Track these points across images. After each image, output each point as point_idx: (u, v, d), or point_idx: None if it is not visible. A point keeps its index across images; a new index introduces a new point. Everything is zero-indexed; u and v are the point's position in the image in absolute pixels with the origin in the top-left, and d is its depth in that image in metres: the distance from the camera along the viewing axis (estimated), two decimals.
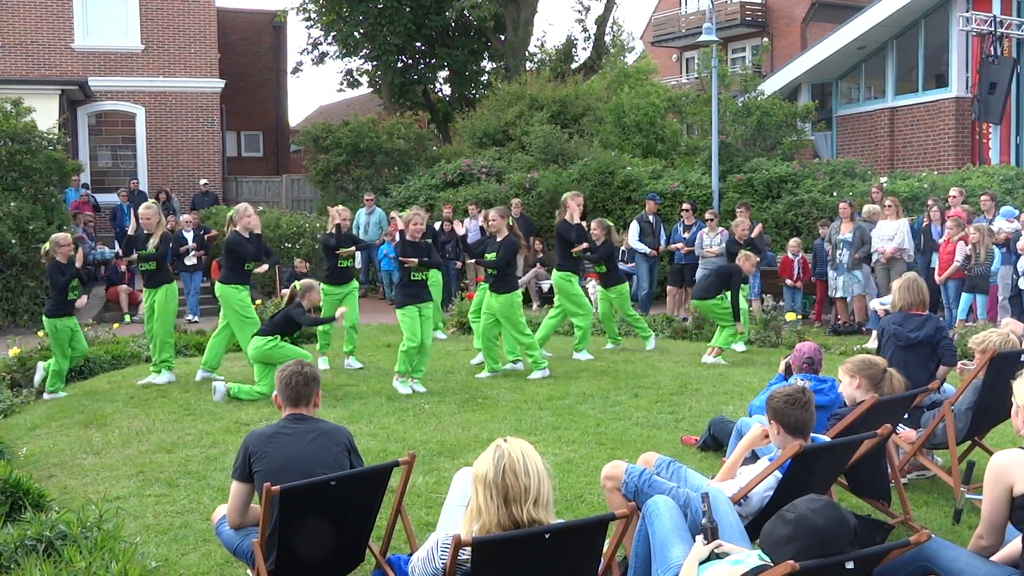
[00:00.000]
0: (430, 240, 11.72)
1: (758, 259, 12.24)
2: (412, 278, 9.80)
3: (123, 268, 17.58)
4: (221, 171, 25.47)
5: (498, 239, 10.34)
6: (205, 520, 5.57)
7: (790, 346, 11.80)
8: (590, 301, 16.85)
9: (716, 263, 14.41)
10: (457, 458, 6.94)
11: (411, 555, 4.12)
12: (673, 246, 15.79)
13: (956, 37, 21.59)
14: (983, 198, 13.83)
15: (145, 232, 10.40)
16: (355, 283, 11.48)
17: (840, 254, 13.66)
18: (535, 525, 3.31)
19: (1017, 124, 21.38)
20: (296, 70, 33.34)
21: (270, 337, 9.37)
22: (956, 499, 5.55)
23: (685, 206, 15.87)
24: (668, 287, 15.73)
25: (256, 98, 30.97)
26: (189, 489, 6.39)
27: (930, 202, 14.31)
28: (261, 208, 21.24)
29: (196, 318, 16.69)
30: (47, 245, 9.84)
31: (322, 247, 11.74)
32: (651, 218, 15.78)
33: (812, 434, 4.53)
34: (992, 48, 20.16)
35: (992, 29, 20.11)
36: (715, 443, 7.10)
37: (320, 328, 11.21)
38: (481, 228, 16.02)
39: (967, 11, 20.88)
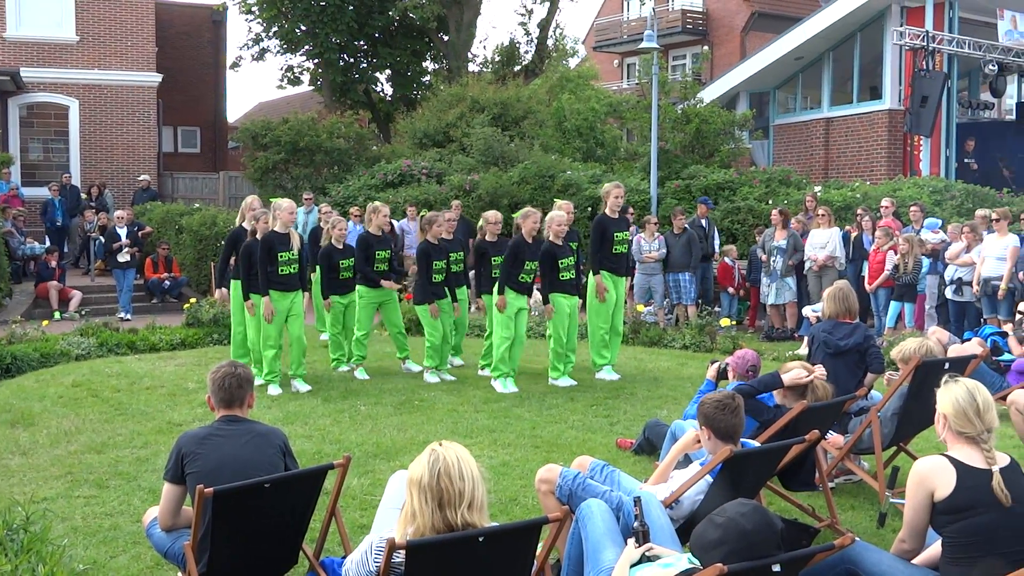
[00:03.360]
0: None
1: None
2: (434, 279, 10.12)
3: (53, 264, 17.22)
4: (157, 167, 25.09)
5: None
6: (135, 522, 5.51)
7: (724, 351, 12.02)
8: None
9: (654, 268, 14.59)
10: (393, 460, 6.94)
11: (345, 558, 4.12)
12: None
13: (890, 51, 22.03)
14: (912, 209, 14.13)
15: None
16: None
17: (774, 261, 13.87)
18: (469, 528, 3.33)
19: (947, 137, 21.87)
20: (235, 65, 32.91)
21: None
22: (881, 503, 5.68)
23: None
24: None
25: (194, 93, 30.52)
26: (119, 491, 6.31)
27: (860, 211, 14.59)
28: (197, 205, 21.03)
29: (128, 315, 16.43)
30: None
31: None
32: (703, 222, 15.45)
33: (742, 439, 4.63)
34: (924, 62, 20.60)
35: (925, 44, 20.55)
36: (650, 446, 7.17)
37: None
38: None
39: (901, 26, 21.32)
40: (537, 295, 11.67)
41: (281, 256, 9.62)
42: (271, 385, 9.69)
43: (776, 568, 3.18)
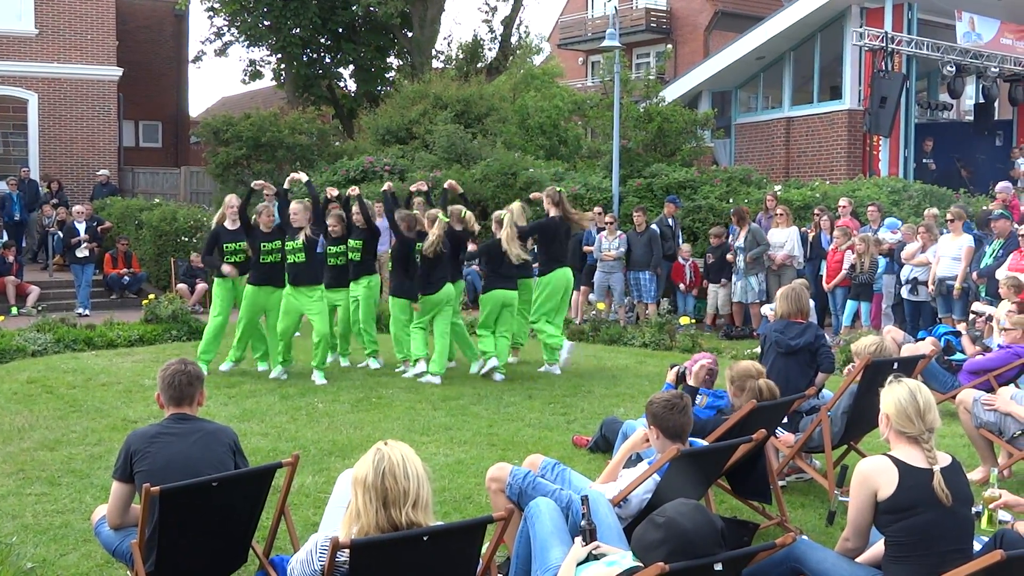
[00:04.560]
0: None
1: None
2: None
3: (10, 259, 17.02)
4: (117, 161, 24.82)
5: None
6: (86, 520, 5.46)
7: (683, 350, 12.11)
8: None
9: (613, 266, 14.64)
10: (348, 458, 6.92)
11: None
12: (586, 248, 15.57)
13: (850, 51, 22.23)
14: (870, 209, 14.29)
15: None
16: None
17: (739, 260, 13.97)
18: (414, 527, 3.35)
19: (906, 137, 22.11)
20: (197, 59, 32.55)
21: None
22: (830, 501, 5.76)
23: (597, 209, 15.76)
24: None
25: (156, 87, 30.24)
26: (71, 488, 6.26)
27: (817, 211, 14.73)
28: (157, 200, 20.84)
29: (87, 311, 16.28)
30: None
31: None
32: (670, 221, 15.52)
33: (691, 438, 4.68)
34: (883, 63, 20.82)
35: (884, 45, 20.76)
36: (606, 444, 7.21)
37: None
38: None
39: (861, 27, 21.53)
40: None
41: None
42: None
43: (718, 567, 3.22)
